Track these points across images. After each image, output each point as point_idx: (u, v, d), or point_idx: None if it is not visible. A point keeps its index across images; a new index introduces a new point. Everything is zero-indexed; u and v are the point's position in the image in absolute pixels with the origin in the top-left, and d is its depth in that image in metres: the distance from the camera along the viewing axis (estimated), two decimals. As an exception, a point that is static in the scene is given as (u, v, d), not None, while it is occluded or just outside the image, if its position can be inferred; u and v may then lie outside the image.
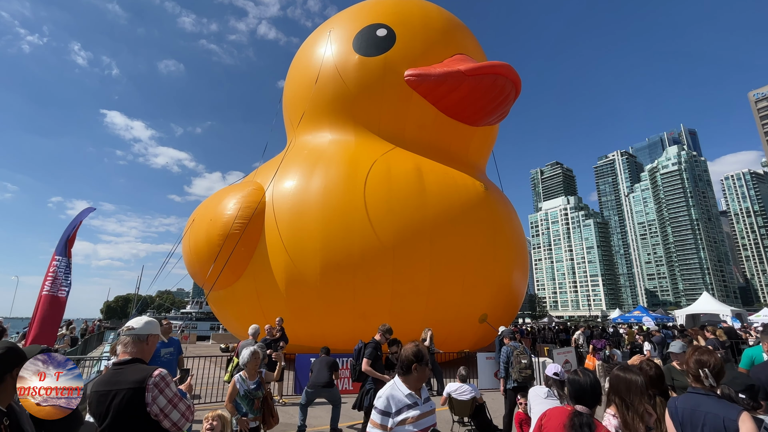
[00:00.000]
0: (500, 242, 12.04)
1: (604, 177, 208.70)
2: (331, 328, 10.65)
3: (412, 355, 2.37)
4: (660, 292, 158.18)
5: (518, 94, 12.25)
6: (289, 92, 15.15)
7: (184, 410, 2.08)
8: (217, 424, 2.57)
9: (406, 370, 2.37)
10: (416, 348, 2.41)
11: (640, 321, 27.59)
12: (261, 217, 11.48)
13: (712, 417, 2.15)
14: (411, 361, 2.36)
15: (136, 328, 2.19)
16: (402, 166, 11.62)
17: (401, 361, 2.38)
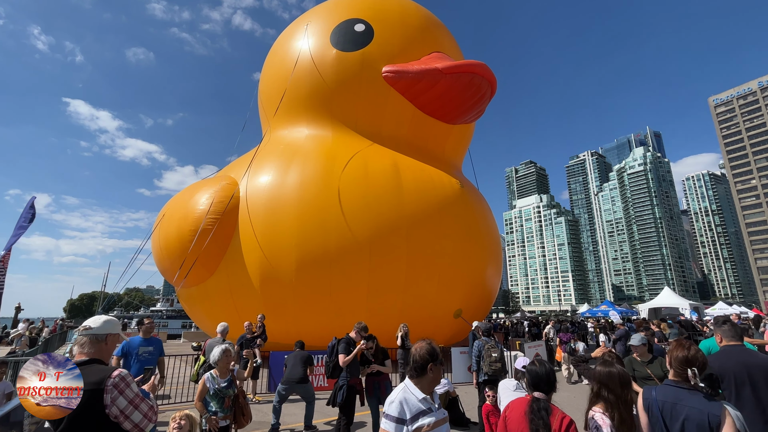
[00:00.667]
0: (475, 239, 12.25)
1: (575, 176, 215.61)
2: (306, 324, 10.57)
3: (427, 354, 2.17)
4: (625, 287, 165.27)
5: (494, 93, 12.46)
6: (265, 85, 14.85)
7: (147, 411, 2.01)
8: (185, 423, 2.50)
9: (420, 372, 2.16)
10: (430, 346, 2.21)
11: (606, 315, 28.77)
12: (235, 212, 11.23)
13: (697, 412, 2.21)
14: (426, 361, 2.15)
15: (93, 328, 2.10)
16: (379, 162, 11.62)
17: (414, 362, 2.18)
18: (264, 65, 15.38)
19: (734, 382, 3.15)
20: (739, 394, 3.09)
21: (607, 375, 2.43)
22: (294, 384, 6.27)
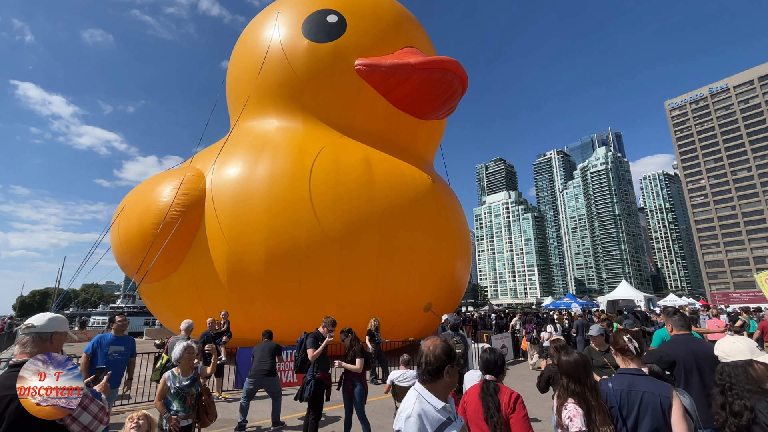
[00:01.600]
0: (445, 234, 12.43)
1: (542, 174, 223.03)
2: (275, 319, 10.39)
3: (443, 354, 1.85)
4: (587, 281, 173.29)
5: (465, 90, 12.63)
6: (233, 74, 14.37)
7: (97, 412, 1.91)
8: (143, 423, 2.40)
9: (436, 374, 1.83)
10: (446, 344, 1.91)
11: (569, 307, 30.07)
12: (200, 205, 10.85)
13: (649, 395, 2.34)
14: (443, 363, 1.83)
15: (36, 326, 1.98)
16: (351, 156, 11.54)
17: (428, 363, 1.84)
18: (233, 54, 14.86)
19: (684, 369, 3.38)
20: (688, 380, 3.32)
21: (573, 364, 2.54)
22: (262, 377, 6.14)
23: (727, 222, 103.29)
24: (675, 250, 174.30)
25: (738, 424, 2.12)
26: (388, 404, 6.92)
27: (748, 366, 2.23)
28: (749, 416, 2.07)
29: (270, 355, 6.30)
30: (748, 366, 2.23)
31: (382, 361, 9.47)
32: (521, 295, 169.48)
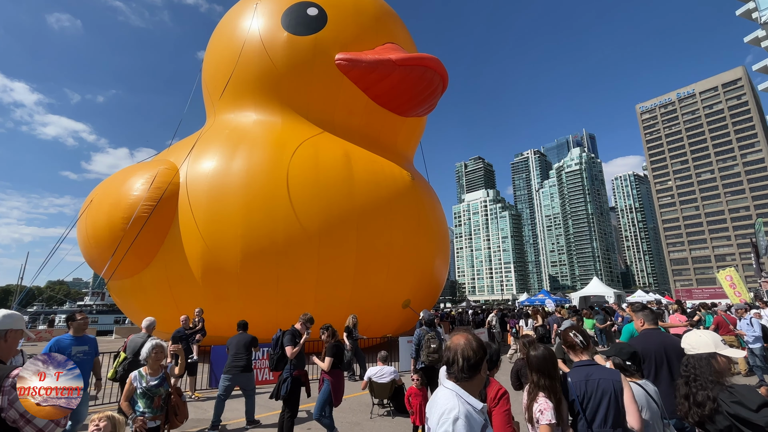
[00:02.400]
0: (424, 231, 12.51)
1: (519, 173, 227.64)
2: (251, 317, 10.14)
3: (480, 347, 1.73)
4: (560, 278, 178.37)
5: (445, 88, 12.70)
6: (209, 65, 13.96)
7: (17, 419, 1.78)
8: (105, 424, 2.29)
9: (474, 371, 1.69)
10: (478, 337, 1.79)
11: (543, 303, 30.88)
12: (174, 199, 10.53)
13: (604, 381, 2.56)
14: (482, 357, 1.72)
15: None
16: (330, 152, 11.43)
17: (466, 359, 1.68)
18: (209, 44, 14.44)
19: (654, 362, 3.53)
20: (658, 373, 3.47)
21: (542, 359, 2.64)
22: (238, 373, 6.00)
23: (692, 222, 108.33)
24: (643, 248, 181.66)
25: (701, 413, 2.19)
26: (365, 400, 6.92)
27: (711, 358, 2.32)
28: (711, 406, 2.14)
29: (245, 349, 6.13)
30: (711, 358, 2.32)
31: (359, 358, 9.46)
32: (498, 292, 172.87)
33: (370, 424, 6.05)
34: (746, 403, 2.03)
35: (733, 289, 20.26)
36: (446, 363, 1.75)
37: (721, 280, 20.98)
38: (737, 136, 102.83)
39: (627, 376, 2.74)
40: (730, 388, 2.18)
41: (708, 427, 2.21)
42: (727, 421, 2.11)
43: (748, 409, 2.01)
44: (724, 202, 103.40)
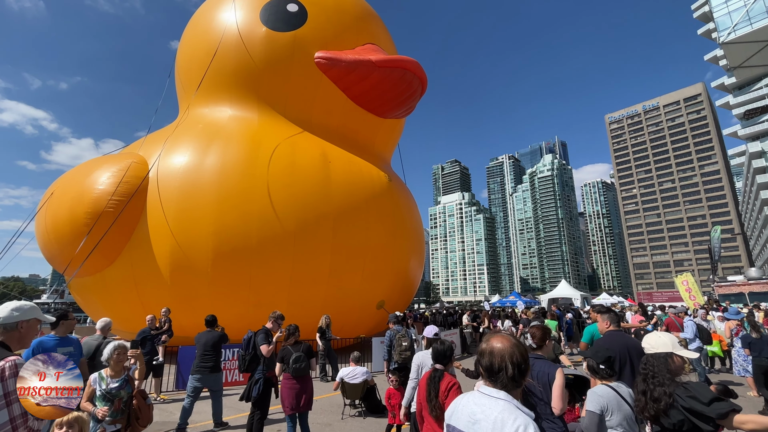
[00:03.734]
0: (400, 232, 12.58)
1: (494, 177, 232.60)
2: (222, 317, 9.91)
3: (526, 351, 1.61)
4: (531, 280, 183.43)
5: (424, 91, 12.82)
6: (184, 57, 13.54)
7: (16, 416, 1.77)
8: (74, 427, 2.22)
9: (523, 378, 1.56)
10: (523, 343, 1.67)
11: (514, 305, 31.66)
12: (143, 195, 10.14)
13: (543, 374, 2.94)
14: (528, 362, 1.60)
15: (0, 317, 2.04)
16: (308, 151, 11.32)
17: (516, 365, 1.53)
18: (184, 35, 14.00)
19: (618, 362, 3.72)
20: (621, 372, 3.66)
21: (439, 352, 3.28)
22: (207, 374, 5.81)
23: (653, 228, 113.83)
24: (609, 253, 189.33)
25: (657, 408, 2.36)
26: (337, 401, 6.90)
27: (668, 358, 2.51)
28: (667, 401, 2.32)
29: (214, 348, 5.90)
30: (668, 358, 2.51)
31: (331, 359, 9.41)
32: (471, 293, 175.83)
33: (341, 425, 6.04)
34: (699, 397, 2.21)
35: (688, 293, 21.43)
36: (488, 369, 1.57)
37: (678, 285, 22.16)
38: (696, 149, 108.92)
39: (599, 379, 2.88)
40: (685, 384, 2.36)
41: (662, 422, 2.39)
42: (681, 415, 2.28)
43: (701, 403, 2.19)
44: (683, 210, 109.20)
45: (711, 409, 2.15)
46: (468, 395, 1.64)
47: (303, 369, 4.70)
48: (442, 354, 3.26)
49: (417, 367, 4.02)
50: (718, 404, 2.15)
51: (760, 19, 57.06)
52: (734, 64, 62.82)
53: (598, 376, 2.89)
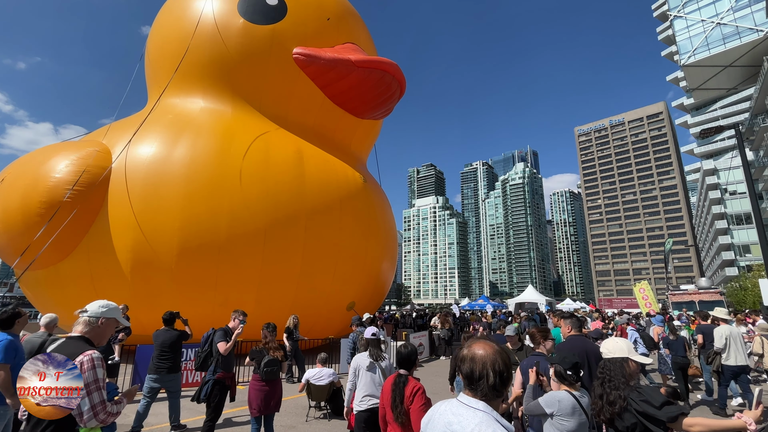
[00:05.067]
0: (373, 234, 12.57)
1: (467, 182, 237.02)
2: (185, 315, 9.60)
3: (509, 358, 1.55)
4: (500, 284, 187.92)
5: (402, 93, 12.90)
6: (155, 44, 13.00)
7: (96, 403, 2.01)
8: None
9: (505, 387, 1.50)
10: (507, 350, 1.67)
11: (483, 308, 32.30)
12: (104, 186, 9.65)
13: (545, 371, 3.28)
14: (511, 372, 1.54)
15: (89, 311, 2.38)
16: (282, 147, 11.12)
17: (498, 373, 1.46)
18: (156, 20, 13.45)
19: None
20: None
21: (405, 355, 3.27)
22: (164, 374, 5.53)
23: (615, 237, 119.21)
24: (574, 260, 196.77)
25: (611, 411, 2.46)
26: (302, 403, 6.79)
27: (624, 363, 2.61)
28: (622, 404, 2.42)
29: (171, 348, 5.60)
30: (624, 363, 2.61)
31: (298, 360, 9.27)
32: (441, 296, 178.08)
33: (305, 427, 5.94)
34: (652, 401, 2.32)
35: (644, 300, 22.55)
36: (468, 376, 1.51)
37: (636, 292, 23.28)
38: (656, 164, 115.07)
39: (566, 385, 2.91)
40: (639, 388, 2.46)
41: (617, 424, 2.48)
42: (633, 418, 2.39)
43: (653, 406, 2.30)
44: (643, 221, 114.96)
45: (662, 413, 2.26)
46: (446, 403, 1.57)
47: (274, 373, 4.62)
48: (407, 358, 3.18)
49: (353, 370, 3.94)
50: (668, 408, 2.27)
51: (716, 46, 61.08)
52: (693, 85, 66.92)
53: (566, 383, 2.94)
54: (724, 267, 57.73)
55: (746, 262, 53.28)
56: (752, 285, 33.93)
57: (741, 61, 59.84)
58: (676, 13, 67.26)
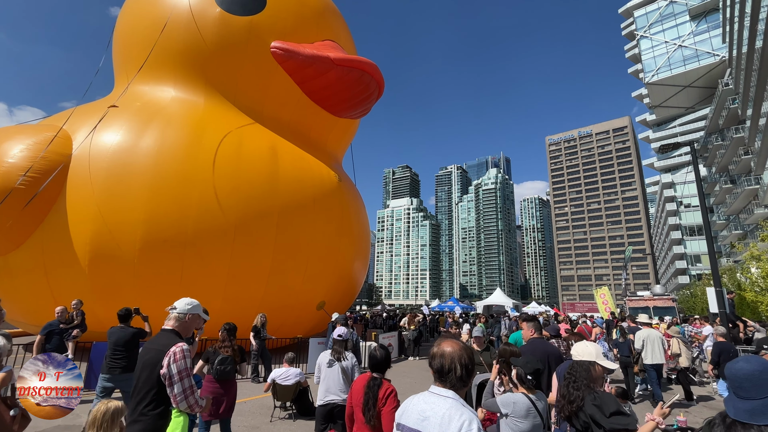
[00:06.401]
0: (346, 233, 12.52)
1: (442, 185, 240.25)
2: (147, 312, 9.24)
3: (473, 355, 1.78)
4: (469, 287, 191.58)
5: (381, 94, 12.93)
6: (125, 28, 12.43)
7: (186, 388, 2.42)
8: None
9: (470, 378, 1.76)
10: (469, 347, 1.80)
11: (452, 310, 32.80)
12: (63, 174, 9.14)
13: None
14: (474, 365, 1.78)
15: (177, 308, 2.79)
16: (256, 142, 10.90)
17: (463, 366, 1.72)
18: (126, 2, 12.86)
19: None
20: (540, 376, 3.93)
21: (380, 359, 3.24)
22: (118, 374, 5.21)
23: (580, 244, 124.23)
24: (540, 265, 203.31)
25: (570, 409, 2.61)
26: (267, 403, 6.69)
27: (591, 366, 2.75)
28: (579, 404, 2.56)
29: (126, 347, 5.23)
30: (591, 366, 2.75)
31: (265, 359, 9.11)
32: (412, 297, 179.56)
33: (269, 427, 5.86)
34: (603, 407, 2.43)
35: (604, 305, 23.62)
36: (439, 370, 1.73)
37: (597, 297, 24.36)
38: (620, 175, 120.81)
39: (524, 388, 3.02)
40: (595, 392, 2.58)
41: (574, 423, 2.62)
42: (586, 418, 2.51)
43: (602, 413, 2.41)
44: (605, 229, 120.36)
45: (608, 422, 2.37)
46: (418, 395, 1.77)
47: (228, 372, 4.39)
48: (382, 362, 3.15)
49: (317, 366, 4.17)
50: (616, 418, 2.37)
51: (677, 66, 64.79)
52: (655, 103, 70.69)
53: (524, 386, 3.04)
54: (677, 275, 61.32)
55: (697, 271, 56.84)
56: (701, 293, 36.22)
57: (699, 82, 63.78)
58: (643, 33, 70.85)
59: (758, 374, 1.44)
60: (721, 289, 10.20)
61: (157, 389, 2.46)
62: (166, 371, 2.38)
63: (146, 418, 2.44)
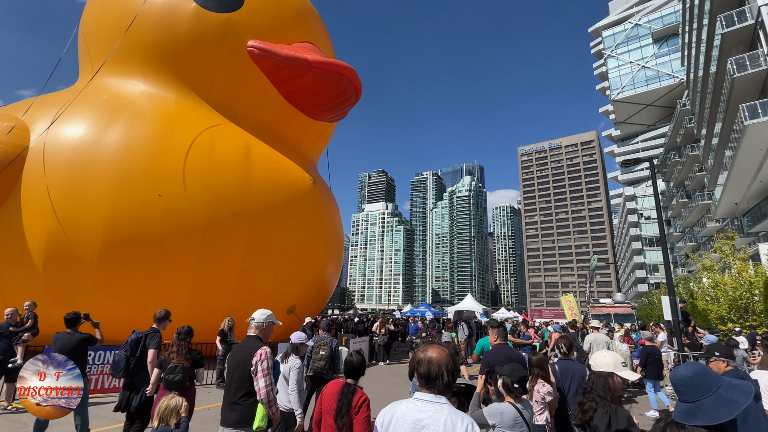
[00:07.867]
0: (320, 236, 12.42)
1: (417, 191, 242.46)
2: (107, 314, 8.76)
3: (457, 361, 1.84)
4: (442, 292, 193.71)
5: (358, 98, 12.96)
6: (93, 16, 11.91)
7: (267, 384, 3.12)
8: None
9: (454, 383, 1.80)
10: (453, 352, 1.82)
11: (423, 315, 33.05)
12: (18, 167, 8.63)
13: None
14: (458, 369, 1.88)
15: (255, 318, 3.50)
16: (229, 141, 10.67)
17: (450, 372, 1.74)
18: (95, -9, 12.32)
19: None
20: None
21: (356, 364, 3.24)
22: None
23: (548, 252, 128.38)
24: (511, 272, 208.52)
25: (582, 418, 2.65)
26: (233, 410, 6.50)
27: (609, 377, 2.74)
28: (591, 415, 2.59)
29: (72, 353, 4.74)
30: (609, 377, 2.74)
31: (233, 364, 8.86)
32: (385, 302, 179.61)
33: (235, 435, 5.69)
34: (612, 422, 2.44)
35: (570, 311, 24.48)
36: (425, 377, 1.73)
37: (563, 303, 25.22)
38: (587, 187, 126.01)
39: (511, 397, 3.01)
40: (608, 406, 2.57)
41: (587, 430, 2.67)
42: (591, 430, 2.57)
43: (607, 426, 2.43)
44: (572, 238, 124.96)
45: None
46: (404, 403, 1.73)
47: (177, 382, 4.09)
48: (358, 368, 3.08)
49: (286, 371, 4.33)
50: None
51: (641, 86, 68.51)
52: (620, 119, 74.34)
53: (512, 395, 3.01)
54: (637, 284, 64.34)
55: (655, 280, 59.83)
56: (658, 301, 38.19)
57: (660, 101, 67.67)
58: (610, 53, 74.51)
59: (691, 379, 1.57)
60: (674, 297, 10.79)
61: (248, 384, 3.17)
62: (255, 368, 3.10)
63: (241, 407, 3.17)
